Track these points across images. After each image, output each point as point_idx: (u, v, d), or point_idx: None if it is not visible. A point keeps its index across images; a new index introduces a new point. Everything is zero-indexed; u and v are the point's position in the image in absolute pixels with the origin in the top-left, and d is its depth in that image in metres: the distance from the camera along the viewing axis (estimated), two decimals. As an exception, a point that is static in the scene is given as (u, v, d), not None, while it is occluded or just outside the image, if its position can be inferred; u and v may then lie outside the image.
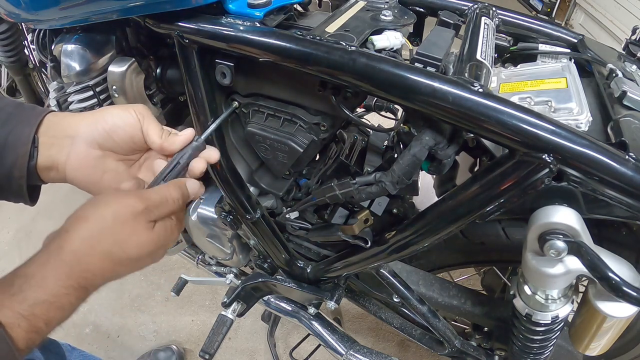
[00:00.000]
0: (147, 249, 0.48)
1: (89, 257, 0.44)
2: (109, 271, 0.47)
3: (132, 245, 0.47)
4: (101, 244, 0.45)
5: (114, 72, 0.77)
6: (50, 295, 0.42)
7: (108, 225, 0.45)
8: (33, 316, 0.41)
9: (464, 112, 0.49)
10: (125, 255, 0.47)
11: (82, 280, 0.44)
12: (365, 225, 0.71)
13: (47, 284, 0.42)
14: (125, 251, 0.46)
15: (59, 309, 0.43)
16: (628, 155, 0.46)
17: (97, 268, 0.45)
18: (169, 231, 0.51)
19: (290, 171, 0.77)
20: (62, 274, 0.43)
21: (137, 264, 0.49)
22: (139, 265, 0.50)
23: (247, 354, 1.51)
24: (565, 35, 0.71)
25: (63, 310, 0.44)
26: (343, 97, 0.62)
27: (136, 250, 0.47)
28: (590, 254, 0.51)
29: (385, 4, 0.71)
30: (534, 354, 0.73)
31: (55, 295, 0.42)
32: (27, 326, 0.41)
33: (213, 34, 0.62)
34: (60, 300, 0.43)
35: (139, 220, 0.47)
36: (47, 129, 0.52)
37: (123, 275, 0.49)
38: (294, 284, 0.94)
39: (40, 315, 0.41)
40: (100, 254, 0.45)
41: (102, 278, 0.47)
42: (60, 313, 0.43)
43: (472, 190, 0.56)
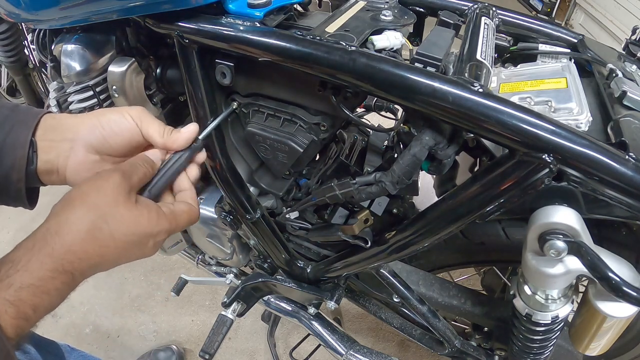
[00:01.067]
0: (131, 228, 0.46)
1: (71, 237, 0.43)
2: (93, 254, 0.45)
3: (115, 219, 0.45)
4: (83, 222, 0.44)
5: (114, 72, 0.77)
6: (35, 279, 0.41)
7: (89, 204, 0.45)
8: (20, 301, 0.40)
9: (464, 112, 0.49)
10: (108, 233, 0.45)
11: (66, 263, 0.43)
12: (365, 225, 0.71)
13: (31, 267, 0.42)
14: (110, 226, 0.45)
15: (45, 293, 0.42)
16: (628, 155, 0.46)
17: (81, 250, 0.44)
18: (154, 216, 0.48)
19: (290, 171, 0.77)
20: (45, 256, 0.42)
21: (125, 251, 0.47)
22: (127, 252, 0.48)
23: (247, 354, 1.51)
24: (565, 35, 0.71)
25: (50, 296, 0.43)
26: (343, 97, 0.62)
27: (120, 227, 0.46)
28: (590, 254, 0.51)
29: (385, 4, 0.71)
30: (534, 354, 0.73)
31: (41, 279, 0.42)
32: (14, 312, 0.40)
33: (213, 34, 0.62)
34: (46, 285, 0.42)
35: (120, 191, 0.46)
36: (44, 132, 0.52)
37: (110, 262, 0.47)
38: (294, 284, 0.94)
39: (27, 300, 0.41)
40: (82, 234, 0.44)
41: (88, 262, 0.45)
42: (47, 299, 0.43)
43: (472, 190, 0.56)
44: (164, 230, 0.50)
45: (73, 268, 0.44)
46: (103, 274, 1.77)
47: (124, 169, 0.49)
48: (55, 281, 0.43)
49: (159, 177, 0.54)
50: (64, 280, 0.44)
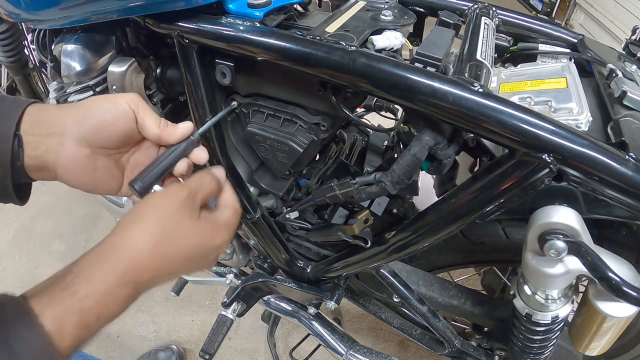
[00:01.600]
0: (197, 241, 0.47)
1: (135, 252, 0.44)
2: (157, 268, 0.46)
3: (181, 236, 0.46)
4: (148, 239, 0.45)
5: (114, 72, 0.77)
6: (98, 289, 0.42)
7: (154, 221, 0.46)
8: (83, 310, 0.41)
9: (464, 112, 0.49)
10: (175, 249, 0.46)
11: (130, 276, 0.44)
12: (365, 225, 0.71)
13: (95, 278, 0.42)
14: (176, 243, 0.46)
15: (108, 304, 0.43)
16: (628, 155, 0.46)
17: (144, 264, 0.45)
18: (216, 228, 0.49)
19: (290, 171, 0.77)
20: (109, 268, 0.43)
21: (188, 263, 0.48)
22: (189, 266, 0.48)
23: (247, 354, 1.51)
24: (565, 35, 0.71)
25: (112, 307, 0.43)
26: (343, 97, 0.62)
27: (186, 242, 0.47)
28: (590, 254, 0.51)
29: (385, 4, 0.71)
30: (534, 354, 0.73)
31: (105, 290, 0.42)
32: (77, 321, 0.40)
33: (213, 34, 0.62)
34: (109, 296, 0.43)
35: (184, 208, 0.47)
36: (30, 126, 0.49)
37: (173, 274, 0.48)
38: (294, 284, 0.94)
39: (90, 309, 0.41)
40: (147, 249, 0.45)
41: (151, 276, 0.46)
42: (109, 309, 0.43)
43: (472, 190, 0.56)
44: (225, 241, 0.51)
45: (136, 280, 0.44)
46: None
47: (191, 186, 0.49)
48: (119, 292, 0.43)
49: (152, 169, 0.52)
50: (127, 291, 0.44)
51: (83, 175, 0.52)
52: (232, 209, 0.52)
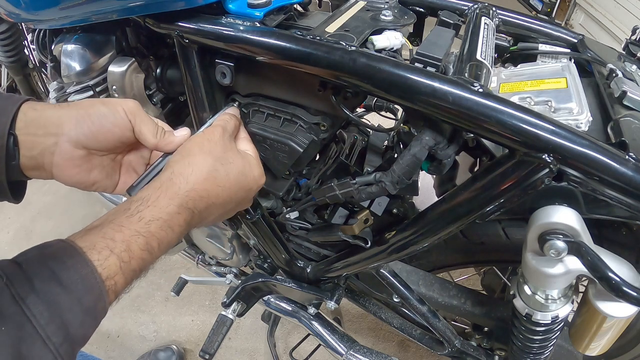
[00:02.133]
0: (239, 167, 0.53)
1: (194, 178, 0.49)
2: (212, 194, 0.50)
3: (228, 161, 0.52)
4: (204, 166, 0.50)
5: (114, 72, 0.77)
6: (164, 214, 0.45)
7: (206, 149, 0.52)
8: (149, 233, 0.44)
9: (464, 112, 0.49)
10: (225, 172, 0.52)
11: (189, 201, 0.48)
12: (365, 225, 0.71)
13: (160, 204, 0.46)
14: (225, 167, 0.52)
15: (170, 228, 0.46)
16: (628, 155, 0.46)
17: (202, 188, 0.49)
18: (250, 158, 0.57)
19: (290, 171, 0.77)
20: (173, 194, 0.47)
21: (235, 189, 0.53)
22: (236, 194, 0.53)
23: (247, 354, 1.51)
24: (565, 35, 0.71)
25: (173, 232, 0.46)
26: (343, 97, 0.62)
27: (232, 167, 0.53)
28: (590, 254, 0.51)
29: (385, 4, 0.71)
30: (534, 354, 0.73)
31: (168, 214, 0.46)
32: (143, 244, 0.43)
33: (213, 34, 0.62)
34: (172, 220, 0.46)
35: (225, 140, 0.54)
36: (25, 125, 0.49)
37: (222, 204, 0.52)
38: (294, 284, 0.94)
39: (155, 233, 0.44)
40: (204, 174, 0.50)
41: (206, 201, 0.50)
42: (170, 234, 0.46)
43: (472, 190, 0.56)
44: (261, 175, 0.58)
45: (194, 206, 0.48)
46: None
47: (222, 125, 0.56)
48: (180, 217, 0.47)
49: (150, 176, 0.53)
50: (186, 217, 0.48)
51: (79, 175, 0.53)
52: (251, 146, 0.61)
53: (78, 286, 0.38)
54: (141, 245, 0.43)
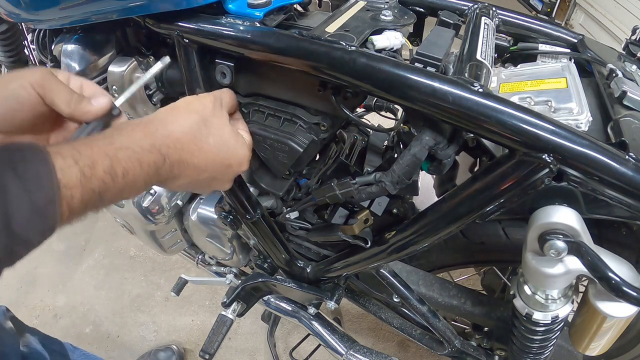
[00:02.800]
0: (224, 137, 0.52)
1: (173, 127, 0.48)
2: (188, 148, 0.49)
3: (213, 128, 0.51)
4: (187, 121, 0.50)
5: (114, 72, 0.77)
6: (134, 145, 0.44)
7: (192, 109, 0.51)
8: (115, 158, 0.43)
9: (464, 112, 0.49)
10: (206, 135, 0.50)
11: (163, 146, 0.47)
12: (365, 225, 0.71)
13: (134, 135, 0.45)
14: (207, 132, 0.50)
15: (139, 163, 0.45)
16: (628, 155, 0.46)
17: (179, 139, 0.48)
18: (239, 136, 0.56)
19: (290, 171, 0.77)
20: (148, 132, 0.47)
21: (213, 158, 0.51)
22: (214, 164, 0.52)
23: (247, 354, 1.51)
24: (565, 35, 0.71)
25: (141, 168, 0.45)
26: (343, 97, 0.62)
27: (216, 134, 0.51)
28: (590, 254, 0.51)
29: (385, 4, 0.71)
30: (533, 354, 0.73)
31: (140, 147, 0.45)
32: (108, 166, 0.42)
33: (213, 34, 0.62)
34: (142, 155, 0.45)
35: (216, 107, 0.53)
36: None
37: (197, 166, 0.51)
38: (294, 284, 0.94)
39: (122, 160, 0.43)
40: (185, 128, 0.49)
41: (180, 154, 0.49)
42: (138, 169, 0.45)
43: (472, 190, 0.56)
44: (246, 157, 0.56)
45: (167, 153, 0.47)
46: (102, 274, 1.77)
47: (215, 94, 0.55)
48: (150, 156, 0.46)
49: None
50: (157, 160, 0.46)
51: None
52: (247, 133, 0.60)
53: (32, 180, 0.36)
54: (105, 167, 0.41)
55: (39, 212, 0.36)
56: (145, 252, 1.84)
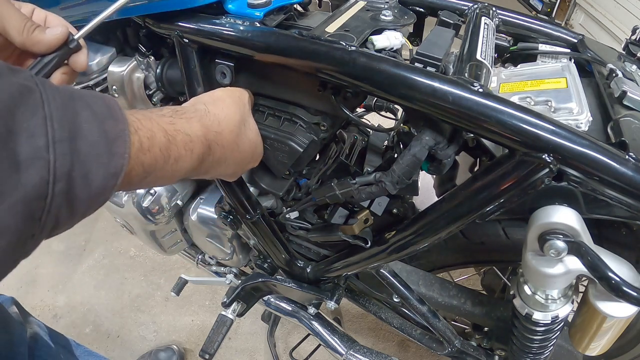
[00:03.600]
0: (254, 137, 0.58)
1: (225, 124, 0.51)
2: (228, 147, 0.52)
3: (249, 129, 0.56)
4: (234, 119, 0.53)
5: (114, 72, 0.77)
6: (192, 133, 0.46)
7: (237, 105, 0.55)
8: (174, 140, 0.43)
9: (464, 112, 0.49)
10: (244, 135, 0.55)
11: (214, 142, 0.49)
12: (365, 225, 0.71)
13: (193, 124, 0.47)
14: (245, 131, 0.55)
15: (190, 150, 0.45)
16: (628, 155, 0.46)
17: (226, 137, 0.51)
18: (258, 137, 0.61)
19: (290, 171, 0.77)
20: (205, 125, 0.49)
21: (241, 155, 0.55)
22: (241, 160, 0.56)
23: (247, 354, 1.51)
24: (565, 35, 0.71)
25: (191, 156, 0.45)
26: (343, 97, 0.62)
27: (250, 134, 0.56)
28: (590, 254, 0.51)
29: (385, 4, 0.71)
30: (533, 353, 0.73)
31: (196, 136, 0.46)
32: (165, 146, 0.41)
33: (213, 34, 0.62)
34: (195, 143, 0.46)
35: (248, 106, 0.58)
36: None
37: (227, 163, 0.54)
38: (294, 284, 0.94)
39: (179, 143, 0.43)
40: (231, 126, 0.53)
41: (222, 152, 0.51)
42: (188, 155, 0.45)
43: (472, 190, 0.56)
44: (260, 155, 0.62)
45: (214, 150, 0.50)
46: (102, 274, 1.77)
47: (245, 92, 0.59)
48: (201, 147, 0.47)
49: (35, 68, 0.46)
50: (205, 152, 0.48)
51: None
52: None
53: (103, 111, 0.34)
54: (162, 145, 0.40)
55: (107, 141, 0.33)
56: (145, 252, 1.84)
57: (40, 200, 0.29)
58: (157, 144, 0.40)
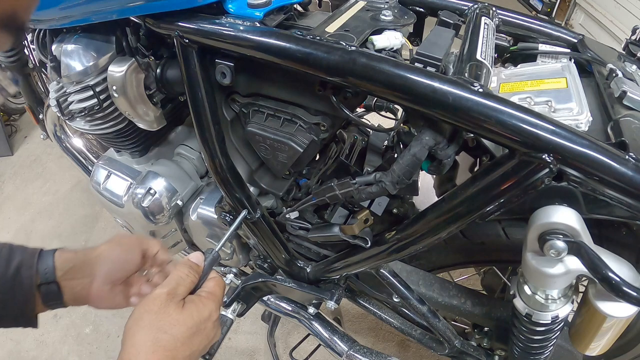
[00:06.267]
0: (187, 324, 0.53)
1: (143, 355, 0.50)
2: (168, 358, 0.51)
3: (171, 325, 0.52)
4: (146, 341, 0.51)
5: (114, 72, 0.77)
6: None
7: (146, 323, 0.52)
8: None
9: (464, 112, 0.49)
10: (170, 337, 0.52)
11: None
12: (365, 225, 0.71)
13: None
14: (169, 333, 0.52)
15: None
16: (628, 155, 0.46)
17: (154, 358, 0.50)
18: (200, 304, 0.56)
19: (290, 171, 0.77)
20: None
21: (189, 342, 0.54)
22: (193, 344, 0.54)
23: (247, 354, 1.51)
24: (565, 35, 0.71)
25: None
26: (343, 97, 0.62)
27: (177, 329, 0.52)
28: (590, 254, 0.51)
29: (385, 4, 0.71)
30: (533, 353, 0.73)
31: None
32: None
33: (213, 34, 0.62)
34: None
35: (169, 305, 0.54)
36: (65, 274, 0.62)
37: (187, 357, 0.54)
38: (294, 284, 0.94)
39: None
40: (151, 347, 0.51)
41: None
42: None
43: (472, 190, 0.56)
44: (213, 309, 0.57)
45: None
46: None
47: (171, 286, 0.55)
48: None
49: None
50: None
51: (107, 300, 0.65)
52: (211, 281, 0.60)
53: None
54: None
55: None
56: (145, 252, 1.83)
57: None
58: None
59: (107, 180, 1.01)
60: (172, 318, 0.53)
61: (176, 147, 1.01)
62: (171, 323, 0.52)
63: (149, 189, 0.93)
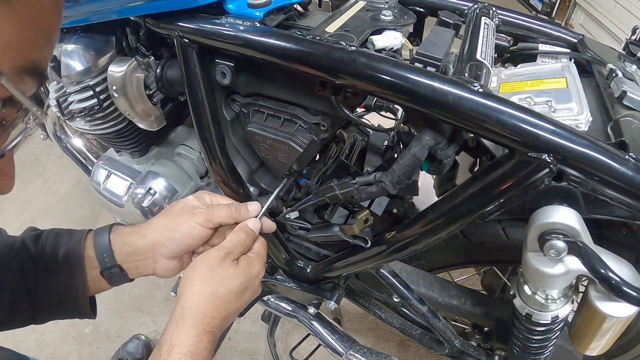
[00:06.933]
0: (241, 279, 0.60)
1: (202, 304, 0.56)
2: (222, 309, 0.58)
3: (228, 279, 0.59)
4: (207, 290, 0.57)
5: (114, 72, 0.77)
6: (188, 346, 0.53)
7: (206, 275, 0.59)
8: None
9: (464, 112, 0.49)
10: (227, 290, 0.58)
11: (206, 326, 0.55)
12: (365, 225, 0.71)
13: (182, 340, 0.54)
14: (226, 286, 0.58)
15: (199, 354, 0.53)
16: (628, 155, 0.46)
17: (212, 310, 0.57)
18: (251, 263, 0.63)
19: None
20: (189, 327, 0.55)
21: (241, 296, 0.60)
22: (243, 297, 0.61)
23: (247, 354, 1.51)
24: (565, 35, 0.71)
25: (202, 355, 0.54)
26: (343, 97, 0.62)
27: (233, 282, 0.59)
28: (590, 254, 0.51)
29: (385, 4, 0.71)
30: (533, 354, 0.73)
31: (192, 344, 0.53)
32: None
33: (213, 34, 0.62)
34: (197, 348, 0.54)
35: (225, 262, 0.60)
36: (125, 257, 0.66)
37: (236, 309, 0.61)
38: (294, 284, 0.94)
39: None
40: (209, 298, 0.57)
41: (220, 317, 0.58)
42: (200, 357, 0.53)
43: (472, 190, 0.56)
44: (260, 268, 0.64)
45: (211, 327, 0.56)
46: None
47: (229, 247, 0.62)
48: (202, 342, 0.54)
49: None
50: (209, 339, 0.55)
51: (174, 271, 0.69)
52: (258, 242, 0.67)
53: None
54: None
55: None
56: (145, 252, 1.84)
57: None
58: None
59: (107, 180, 1.01)
60: (230, 273, 0.59)
61: (176, 147, 1.01)
62: (228, 277, 0.59)
63: (149, 189, 0.93)
